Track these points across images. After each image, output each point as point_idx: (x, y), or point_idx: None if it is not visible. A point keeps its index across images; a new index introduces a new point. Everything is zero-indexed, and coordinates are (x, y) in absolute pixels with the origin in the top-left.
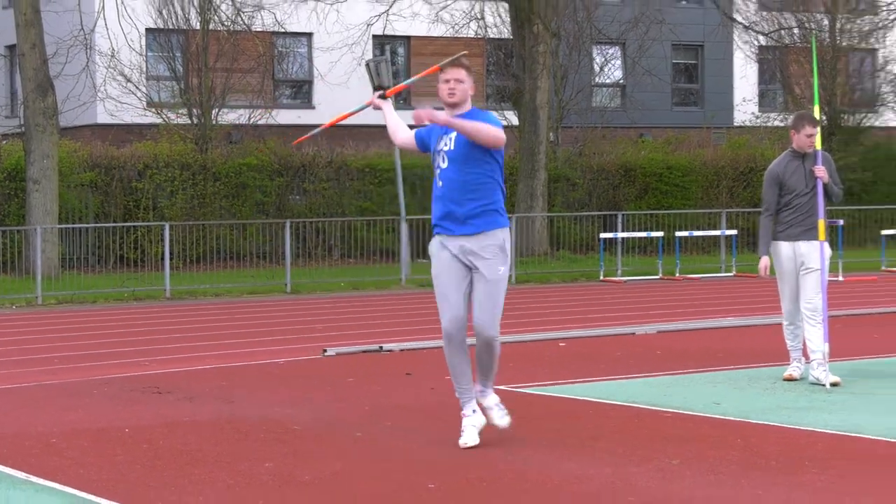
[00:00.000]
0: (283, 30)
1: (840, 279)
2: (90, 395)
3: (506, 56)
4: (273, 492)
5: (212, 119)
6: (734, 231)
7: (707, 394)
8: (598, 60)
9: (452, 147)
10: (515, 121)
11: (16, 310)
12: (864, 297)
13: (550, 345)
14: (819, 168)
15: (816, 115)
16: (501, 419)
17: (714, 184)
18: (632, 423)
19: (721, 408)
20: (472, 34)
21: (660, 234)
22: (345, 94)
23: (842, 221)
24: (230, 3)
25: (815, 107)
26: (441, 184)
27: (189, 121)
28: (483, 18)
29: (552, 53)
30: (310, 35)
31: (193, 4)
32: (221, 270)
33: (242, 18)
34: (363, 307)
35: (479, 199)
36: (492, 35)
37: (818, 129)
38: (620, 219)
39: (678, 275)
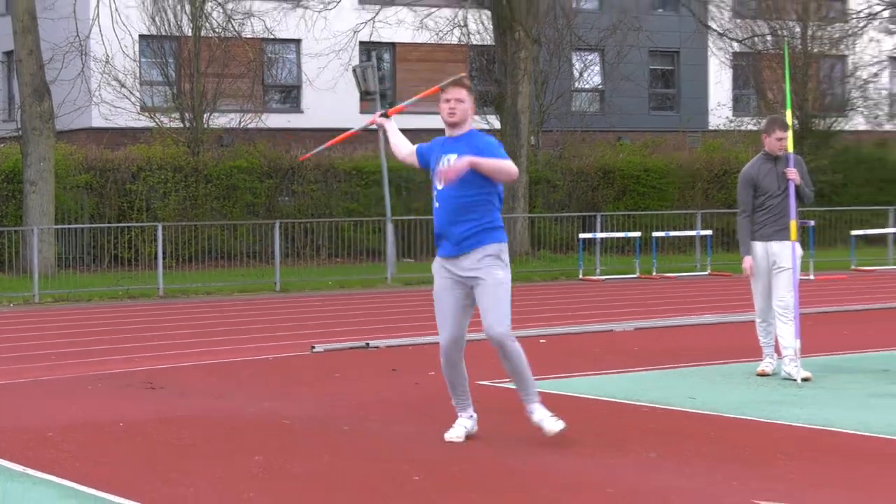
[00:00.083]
0: (273, 36)
1: (811, 278)
2: (86, 391)
3: (488, 62)
4: (264, 484)
5: (203, 123)
6: (709, 231)
7: (683, 389)
8: (578, 66)
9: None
10: (498, 124)
11: (13, 308)
12: (835, 296)
13: (531, 342)
14: (791, 170)
15: (789, 120)
16: (553, 426)
17: (689, 186)
18: (610, 417)
19: (696, 402)
20: (456, 41)
21: (637, 235)
22: (332, 99)
23: (813, 222)
24: (221, 11)
25: (788, 111)
26: (438, 205)
27: (181, 125)
28: (466, 25)
29: (533, 59)
30: (298, 41)
31: (185, 12)
32: (213, 269)
33: (233, 25)
34: (350, 305)
35: (474, 220)
36: (475, 42)
37: (789, 133)
38: (599, 219)
39: (655, 274)
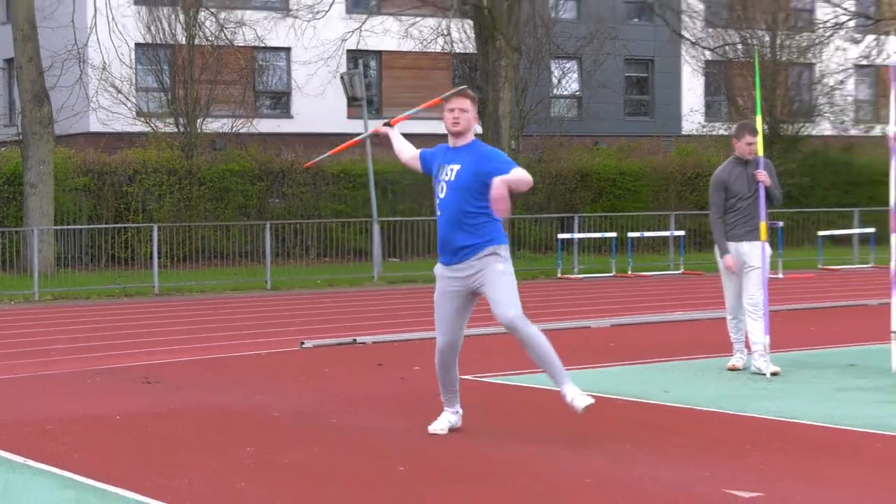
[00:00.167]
0: (264, 45)
1: (780, 276)
2: (84, 385)
3: (470, 69)
4: (255, 474)
5: (197, 128)
6: (682, 232)
7: (657, 383)
8: (556, 74)
9: (453, 178)
10: (480, 129)
11: (14, 305)
12: (803, 293)
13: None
14: (761, 172)
15: (759, 125)
16: (582, 402)
17: (663, 188)
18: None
19: (670, 395)
20: (440, 49)
21: (613, 235)
22: (321, 105)
23: (782, 223)
24: (214, 20)
25: (758, 117)
26: (440, 213)
27: (176, 129)
28: (449, 34)
29: (514, 67)
30: (288, 49)
31: (180, 21)
32: (206, 268)
33: (225, 34)
34: (338, 302)
35: (475, 232)
36: (457, 50)
37: (759, 138)
38: (577, 221)
39: (630, 272)
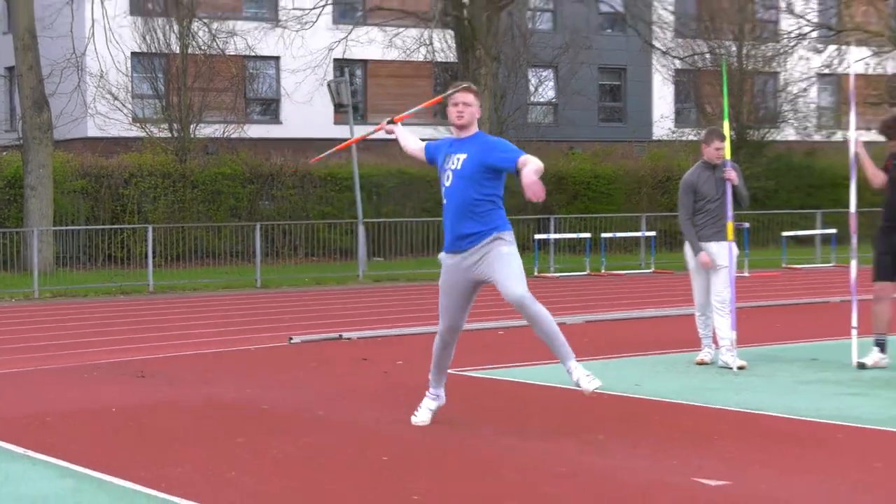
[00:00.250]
0: (254, 54)
1: (746, 275)
2: (82, 379)
3: (451, 77)
4: (246, 464)
5: (190, 133)
6: (653, 233)
7: (629, 376)
8: (533, 82)
9: (460, 167)
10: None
11: (14, 303)
12: (768, 291)
13: (490, 333)
14: (729, 170)
15: (726, 131)
16: (589, 385)
17: (635, 191)
18: (562, 403)
19: (641, 388)
20: (422, 58)
21: (587, 236)
22: (309, 111)
23: (748, 224)
24: (206, 30)
25: (725, 122)
26: (446, 202)
27: (170, 134)
28: (431, 44)
29: (493, 75)
30: (277, 58)
31: (174, 31)
32: (199, 267)
33: (217, 44)
34: (325, 300)
35: (480, 220)
36: (439, 59)
37: (726, 143)
38: (553, 222)
39: (603, 271)
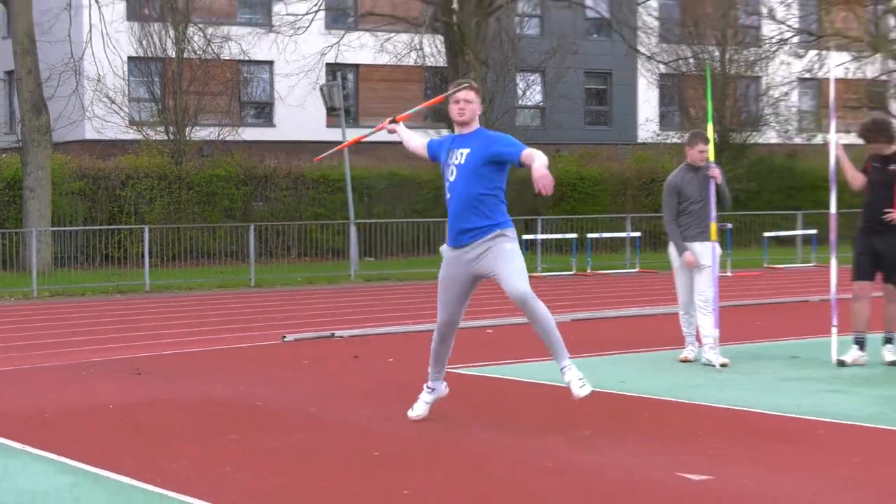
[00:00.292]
0: (248, 58)
1: (729, 274)
2: (79, 376)
3: (441, 81)
4: (239, 459)
5: (185, 136)
6: (638, 233)
7: (614, 374)
8: (521, 86)
9: (464, 161)
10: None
11: (14, 302)
12: (750, 290)
13: (480, 331)
14: (714, 168)
15: (710, 134)
16: (579, 390)
17: (621, 192)
18: (550, 400)
19: (626, 385)
20: (413, 62)
21: (574, 236)
22: (301, 114)
23: (730, 225)
24: (202, 35)
25: (710, 125)
26: (449, 195)
27: (166, 137)
28: (422, 49)
29: (481, 80)
30: (271, 63)
31: (170, 36)
32: (194, 267)
33: (212, 48)
34: (317, 299)
35: (484, 214)
36: (429, 63)
37: (709, 146)
38: (540, 223)
39: (589, 271)
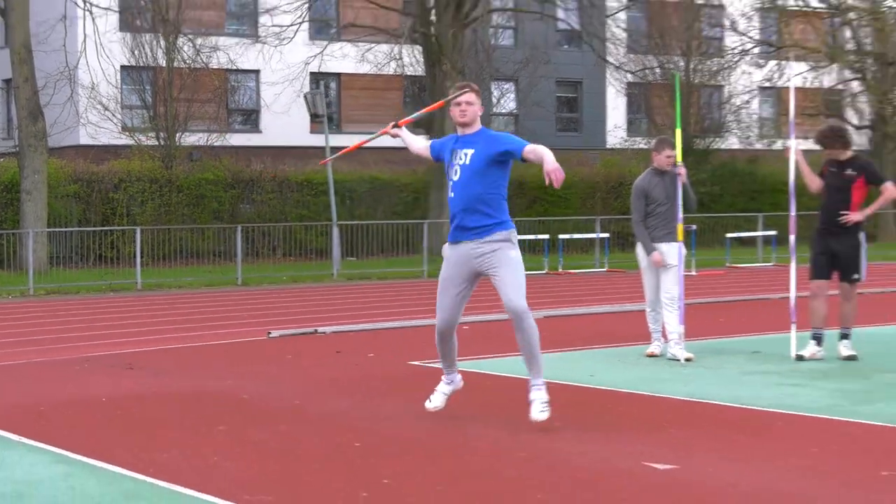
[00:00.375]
0: (235, 67)
1: (693, 273)
2: (74, 371)
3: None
4: (227, 449)
5: (176, 141)
6: (607, 234)
7: (584, 368)
8: (496, 94)
9: (468, 162)
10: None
11: (11, 300)
12: (713, 288)
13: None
14: (681, 167)
15: (678, 139)
16: (538, 413)
17: (590, 195)
18: (522, 393)
19: (596, 379)
20: (392, 71)
21: (546, 237)
22: (286, 121)
23: (695, 226)
24: (191, 45)
25: (678, 130)
26: (453, 195)
27: (157, 142)
28: (401, 59)
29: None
30: (257, 72)
31: (160, 46)
32: (184, 267)
33: (201, 58)
34: (301, 297)
35: (486, 213)
36: (408, 72)
37: (677, 151)
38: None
39: (561, 270)
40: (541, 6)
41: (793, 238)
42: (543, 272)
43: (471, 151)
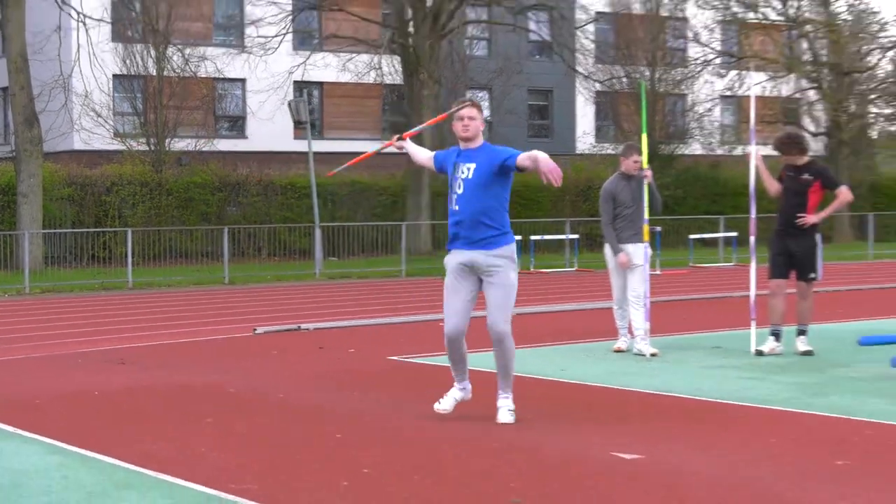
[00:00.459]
0: (222, 76)
1: (658, 273)
2: (67, 366)
3: (398, 98)
4: (214, 440)
5: (165, 146)
6: (576, 235)
7: (555, 362)
8: None
9: (471, 176)
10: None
11: (8, 298)
12: (677, 287)
13: (432, 324)
14: (647, 170)
15: (644, 144)
16: (504, 416)
17: (561, 199)
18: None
19: (566, 373)
20: (372, 80)
21: (518, 238)
22: (271, 127)
23: (660, 228)
24: (180, 55)
25: (644, 135)
26: (457, 208)
27: (147, 148)
28: (381, 68)
29: (434, 96)
30: (243, 80)
31: (151, 55)
32: (173, 266)
33: (190, 67)
34: (285, 295)
35: (490, 225)
36: (388, 81)
37: (643, 156)
38: None
39: (532, 269)
40: (513, 19)
41: (753, 239)
42: None
43: (472, 166)
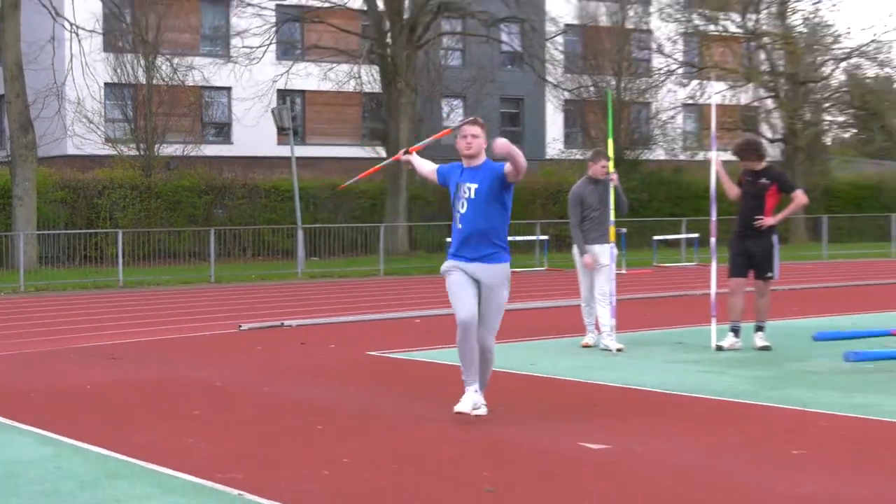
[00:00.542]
0: (209, 84)
1: (624, 272)
2: (61, 360)
3: (377, 105)
4: (201, 431)
5: (154, 151)
6: (546, 237)
7: (525, 357)
8: (446, 110)
9: (474, 196)
10: (384, 154)
11: (3, 296)
12: (642, 285)
13: (409, 322)
14: (614, 174)
15: (610, 149)
16: (461, 405)
17: (531, 201)
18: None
19: (535, 367)
20: (352, 89)
21: None
22: (256, 134)
23: (625, 229)
24: (169, 64)
25: (610, 140)
26: (461, 226)
27: (137, 153)
28: (360, 77)
29: (412, 104)
30: (229, 88)
31: (141, 65)
32: (162, 266)
33: (178, 76)
34: (269, 293)
35: (493, 242)
36: (367, 90)
37: (610, 162)
38: None
39: None
40: (486, 30)
41: (713, 240)
42: None
43: (475, 186)
